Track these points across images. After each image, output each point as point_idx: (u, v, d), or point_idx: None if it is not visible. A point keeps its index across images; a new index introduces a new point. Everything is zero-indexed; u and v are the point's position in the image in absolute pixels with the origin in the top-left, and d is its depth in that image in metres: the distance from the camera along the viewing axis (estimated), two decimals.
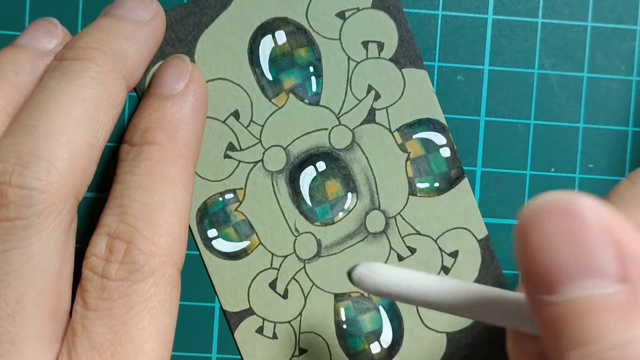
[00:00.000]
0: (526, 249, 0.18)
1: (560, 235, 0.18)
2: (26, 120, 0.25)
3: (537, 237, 0.18)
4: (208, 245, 0.30)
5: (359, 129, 0.30)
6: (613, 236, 0.17)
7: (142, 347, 0.24)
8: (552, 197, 0.18)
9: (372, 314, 0.30)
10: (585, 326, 0.17)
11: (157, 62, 0.29)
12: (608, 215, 0.18)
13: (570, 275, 0.18)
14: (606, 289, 0.17)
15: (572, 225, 0.18)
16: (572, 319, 0.18)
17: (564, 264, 0.18)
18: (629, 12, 0.30)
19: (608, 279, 0.17)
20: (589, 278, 0.17)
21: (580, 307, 0.17)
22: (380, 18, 0.30)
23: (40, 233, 0.24)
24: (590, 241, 0.17)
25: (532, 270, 0.18)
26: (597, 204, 0.18)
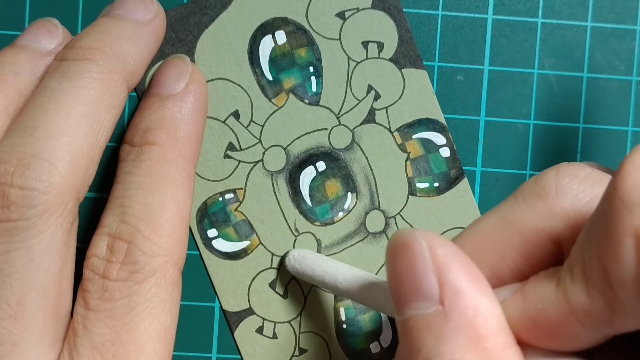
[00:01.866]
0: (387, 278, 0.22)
1: (401, 265, 0.21)
2: (27, 121, 0.25)
3: (389, 267, 0.21)
4: (208, 245, 0.30)
5: (358, 129, 0.30)
6: (438, 264, 0.20)
7: (143, 348, 0.24)
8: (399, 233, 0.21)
9: (372, 314, 0.31)
10: (411, 341, 0.20)
11: (157, 62, 0.29)
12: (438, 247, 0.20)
13: (406, 298, 0.21)
14: (427, 310, 0.20)
15: (407, 256, 0.21)
16: (406, 334, 0.21)
17: (403, 288, 0.21)
18: (629, 12, 0.30)
19: (430, 301, 0.20)
20: (418, 301, 0.20)
21: (411, 325, 0.20)
22: (380, 18, 0.30)
23: (42, 234, 0.24)
24: (418, 268, 0.20)
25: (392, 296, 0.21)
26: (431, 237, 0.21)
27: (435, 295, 0.20)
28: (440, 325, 0.20)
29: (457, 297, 0.20)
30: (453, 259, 0.20)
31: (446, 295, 0.20)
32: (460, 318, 0.20)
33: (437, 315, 0.20)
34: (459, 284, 0.20)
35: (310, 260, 0.29)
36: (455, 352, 0.19)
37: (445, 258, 0.20)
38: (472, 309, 0.20)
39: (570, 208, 0.22)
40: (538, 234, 0.22)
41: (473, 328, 0.20)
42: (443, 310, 0.20)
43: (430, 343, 0.20)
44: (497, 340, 0.20)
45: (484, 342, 0.19)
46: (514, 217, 0.22)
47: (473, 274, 0.20)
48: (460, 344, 0.19)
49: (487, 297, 0.20)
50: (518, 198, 0.23)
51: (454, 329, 0.20)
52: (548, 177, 0.22)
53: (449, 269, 0.20)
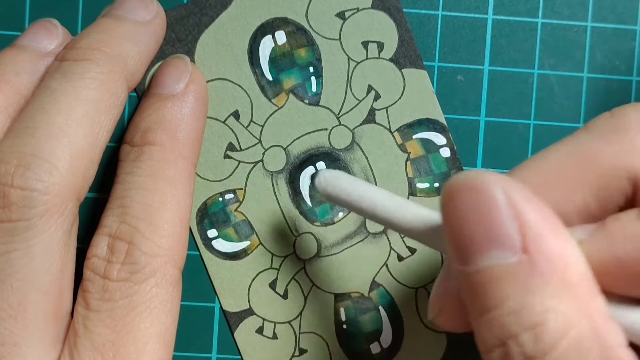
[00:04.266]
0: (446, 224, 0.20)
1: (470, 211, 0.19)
2: (27, 122, 0.25)
3: (453, 214, 0.20)
4: (208, 245, 0.30)
5: (358, 129, 0.30)
6: (516, 211, 0.19)
7: (144, 348, 0.24)
8: (463, 176, 0.20)
9: (372, 314, 0.31)
10: (490, 293, 0.19)
11: (157, 62, 0.29)
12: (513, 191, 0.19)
13: (480, 247, 0.19)
14: (509, 259, 0.19)
15: (480, 201, 0.19)
16: (480, 287, 0.19)
17: (474, 236, 0.19)
18: (629, 12, 0.30)
19: (511, 250, 0.19)
20: (495, 249, 0.19)
21: (487, 276, 0.19)
22: (380, 18, 0.30)
23: (42, 234, 0.24)
24: (495, 215, 0.19)
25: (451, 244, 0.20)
26: (504, 180, 0.19)
27: (517, 242, 0.19)
28: (527, 274, 0.19)
29: (543, 244, 0.19)
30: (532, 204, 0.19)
31: (531, 243, 0.19)
32: (549, 266, 0.19)
33: (521, 264, 0.19)
34: (542, 229, 0.19)
35: (345, 182, 0.25)
36: (547, 302, 0.18)
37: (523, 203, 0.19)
38: (560, 255, 0.19)
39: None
40: (615, 170, 0.21)
41: (563, 276, 0.19)
42: (529, 258, 0.19)
43: (516, 294, 0.19)
44: (586, 288, 0.19)
45: (574, 290, 0.19)
46: (588, 151, 0.21)
47: (553, 220, 0.19)
48: (551, 293, 0.18)
49: (571, 244, 0.19)
50: (592, 132, 0.22)
51: (542, 277, 0.18)
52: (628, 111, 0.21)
53: (529, 214, 0.19)
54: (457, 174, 0.20)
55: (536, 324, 0.18)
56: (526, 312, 0.18)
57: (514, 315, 0.19)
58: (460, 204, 0.19)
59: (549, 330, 0.18)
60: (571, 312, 0.18)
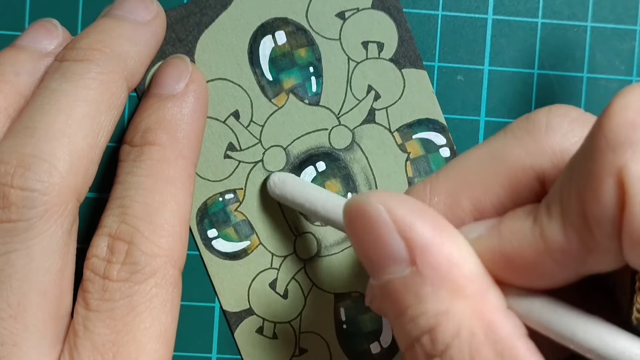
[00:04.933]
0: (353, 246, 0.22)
1: (363, 234, 0.21)
2: (27, 122, 0.25)
3: (351, 237, 0.21)
4: (208, 245, 0.30)
5: (358, 129, 0.30)
6: (400, 227, 0.20)
7: (144, 348, 0.24)
8: (353, 201, 0.21)
9: (372, 314, 0.31)
10: (395, 303, 0.21)
11: (157, 62, 0.29)
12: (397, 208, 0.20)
13: (379, 264, 0.21)
14: (402, 273, 0.20)
15: (367, 224, 0.21)
16: (388, 297, 0.21)
17: (372, 255, 0.21)
18: (629, 12, 0.30)
19: (402, 264, 0.20)
20: (390, 265, 0.20)
21: (390, 288, 0.21)
22: (380, 18, 0.30)
23: (42, 234, 0.24)
24: (382, 235, 0.20)
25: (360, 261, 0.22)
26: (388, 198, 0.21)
27: (405, 256, 0.20)
28: (418, 284, 0.20)
29: (428, 254, 0.20)
30: (414, 216, 0.20)
31: (416, 255, 0.20)
32: (436, 273, 0.20)
33: (412, 276, 0.20)
34: (426, 239, 0.20)
35: (290, 185, 0.28)
36: (439, 306, 0.20)
37: (406, 217, 0.20)
38: (445, 261, 0.20)
39: (558, 146, 0.21)
40: (524, 170, 0.22)
41: (450, 280, 0.20)
42: (417, 269, 0.20)
43: (413, 303, 0.20)
44: (476, 286, 0.20)
45: (464, 290, 0.20)
46: (501, 151, 0.22)
47: (438, 225, 0.20)
48: (442, 298, 0.20)
49: (457, 245, 0.20)
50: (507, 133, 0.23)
51: (431, 285, 0.20)
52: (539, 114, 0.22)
53: (412, 227, 0.20)
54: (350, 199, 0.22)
55: (431, 328, 0.20)
56: (422, 318, 0.20)
57: (414, 321, 0.20)
58: (354, 228, 0.21)
59: (442, 332, 0.20)
60: (461, 312, 0.20)
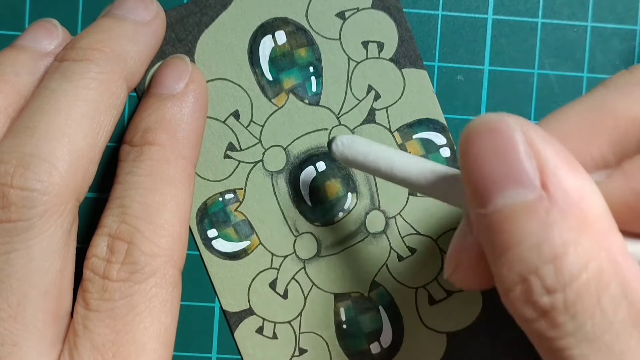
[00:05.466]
0: (464, 168, 0.20)
1: (489, 152, 0.20)
2: (27, 122, 0.25)
3: (471, 156, 0.20)
4: (208, 245, 0.30)
5: (359, 129, 0.30)
6: (534, 149, 0.19)
7: (143, 348, 0.24)
8: (482, 118, 0.20)
9: (372, 314, 0.31)
10: (509, 231, 0.19)
11: (157, 62, 0.29)
12: (531, 131, 0.20)
13: (498, 186, 0.19)
14: (527, 197, 0.19)
15: (498, 141, 0.20)
16: (500, 226, 0.19)
17: (493, 176, 0.20)
18: (629, 12, 0.30)
19: (529, 187, 0.19)
20: (513, 188, 0.19)
21: (507, 214, 0.19)
22: (380, 18, 0.30)
23: (42, 234, 0.24)
24: (513, 154, 0.19)
25: (470, 187, 0.20)
26: (522, 122, 0.20)
27: (536, 180, 0.19)
28: (546, 209, 0.19)
29: (561, 181, 0.19)
30: (549, 143, 0.20)
31: (549, 180, 0.19)
32: (567, 201, 0.19)
33: (540, 200, 0.19)
34: (560, 167, 0.19)
35: (361, 145, 0.26)
36: (566, 235, 0.19)
37: (541, 142, 0.19)
38: (578, 192, 0.19)
39: None
40: (632, 120, 0.21)
41: (581, 211, 0.19)
42: (548, 195, 0.19)
43: (536, 229, 0.19)
44: (604, 223, 0.19)
45: (593, 224, 0.19)
46: (605, 103, 0.22)
47: (570, 159, 0.20)
48: (571, 227, 0.19)
49: (589, 181, 0.20)
50: (609, 87, 0.22)
51: (561, 212, 0.19)
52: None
53: (546, 152, 0.19)
54: (475, 117, 0.20)
55: (556, 257, 0.19)
56: (546, 246, 0.19)
57: (534, 249, 0.19)
58: (478, 145, 0.20)
59: (569, 263, 0.19)
60: (590, 245, 0.19)
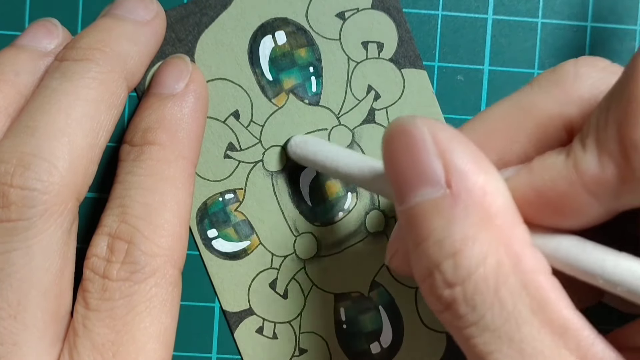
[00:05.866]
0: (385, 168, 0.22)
1: (402, 152, 0.21)
2: (27, 121, 0.25)
3: (388, 156, 0.21)
4: (208, 245, 0.30)
5: (358, 129, 0.30)
6: (440, 149, 0.20)
7: (143, 348, 0.24)
8: (397, 121, 0.21)
9: (372, 314, 0.31)
10: (420, 227, 0.20)
11: (157, 62, 0.29)
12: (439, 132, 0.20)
13: (411, 185, 0.21)
14: (434, 195, 0.20)
15: (409, 142, 0.21)
16: (413, 222, 0.21)
17: (406, 176, 0.21)
18: (629, 12, 0.30)
19: (436, 186, 0.20)
20: (423, 187, 0.20)
21: (418, 211, 0.20)
22: (380, 18, 0.30)
23: (42, 234, 0.24)
24: (421, 154, 0.20)
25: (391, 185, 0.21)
26: (430, 122, 0.21)
27: (442, 178, 0.20)
28: (450, 206, 0.20)
29: (464, 178, 0.20)
30: (455, 142, 0.20)
31: (453, 178, 0.20)
32: (469, 198, 0.20)
33: (445, 198, 0.20)
34: (464, 165, 0.20)
35: (311, 145, 0.28)
36: (467, 230, 0.20)
37: (447, 141, 0.20)
38: (480, 188, 0.20)
39: (587, 94, 0.22)
40: (551, 119, 0.22)
41: (483, 207, 0.20)
42: (451, 192, 0.20)
43: (440, 225, 0.20)
44: (506, 218, 0.20)
45: (494, 220, 0.20)
46: (528, 103, 0.23)
47: (476, 155, 0.20)
48: (472, 223, 0.20)
49: (494, 177, 0.20)
50: (534, 85, 0.23)
51: (463, 209, 0.20)
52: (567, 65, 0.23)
53: (452, 151, 0.20)
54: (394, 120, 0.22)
55: (455, 252, 0.20)
56: (447, 241, 0.20)
57: (437, 245, 0.20)
58: (394, 147, 0.21)
59: (467, 258, 0.20)
60: (489, 240, 0.20)
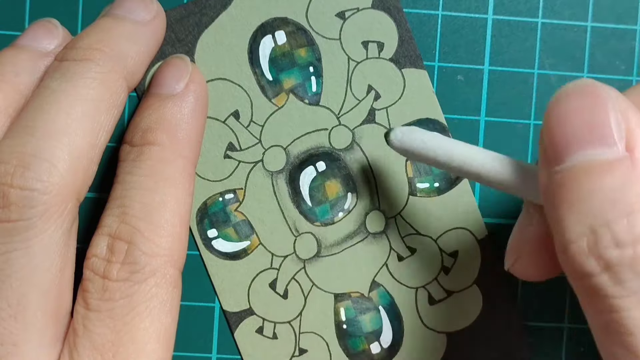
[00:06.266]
0: (546, 126, 0.21)
1: (576, 111, 0.20)
2: (27, 121, 0.25)
3: (557, 114, 0.20)
4: (208, 245, 0.30)
5: (358, 129, 0.30)
6: (624, 116, 0.20)
7: (143, 348, 0.24)
8: (576, 82, 0.20)
9: (372, 314, 0.31)
10: (585, 185, 0.20)
11: (157, 62, 0.29)
12: (622, 100, 0.20)
13: (579, 144, 0.20)
14: (609, 156, 0.19)
15: (588, 102, 0.20)
16: (575, 180, 0.20)
17: (576, 134, 0.20)
18: (629, 12, 0.30)
19: (614, 147, 0.19)
20: (596, 147, 0.20)
21: (584, 170, 0.20)
22: (380, 18, 0.30)
23: (42, 234, 0.24)
24: (603, 115, 0.20)
25: (547, 145, 0.21)
26: (613, 89, 0.20)
27: (621, 142, 0.19)
28: (628, 169, 0.19)
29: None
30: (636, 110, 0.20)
31: (635, 142, 0.19)
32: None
33: (623, 160, 0.19)
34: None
35: (419, 133, 0.26)
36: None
37: (630, 109, 0.20)
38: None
39: None
40: None
41: None
42: (632, 154, 0.19)
43: (614, 185, 0.19)
44: None
45: None
46: None
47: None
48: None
49: None
50: None
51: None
52: None
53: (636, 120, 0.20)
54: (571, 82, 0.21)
55: (632, 212, 0.19)
56: (623, 200, 0.19)
57: (609, 203, 0.19)
58: (566, 105, 0.20)
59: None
60: None
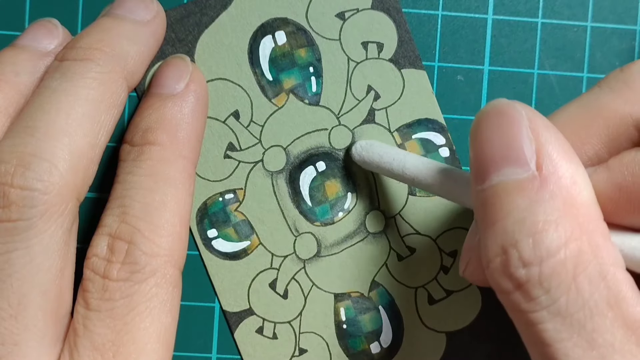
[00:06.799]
0: (471, 146, 0.22)
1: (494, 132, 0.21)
2: (27, 121, 0.25)
3: (478, 135, 0.21)
4: (208, 245, 0.30)
5: (358, 129, 0.30)
6: (535, 134, 0.20)
7: (143, 348, 0.24)
8: (493, 102, 0.21)
9: (372, 314, 0.31)
10: (499, 205, 0.20)
11: (157, 62, 0.29)
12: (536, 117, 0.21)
13: (496, 164, 0.21)
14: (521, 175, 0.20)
15: (503, 122, 0.21)
16: (492, 200, 0.21)
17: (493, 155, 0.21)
18: (629, 12, 0.30)
19: (525, 167, 0.20)
20: (510, 166, 0.20)
21: (499, 190, 0.20)
22: (380, 19, 0.30)
23: (42, 234, 0.24)
24: (515, 135, 0.20)
25: (473, 165, 0.22)
26: (528, 108, 0.21)
27: (532, 161, 0.20)
28: (536, 189, 0.20)
29: (555, 165, 0.20)
30: (550, 130, 0.20)
31: (544, 162, 0.20)
32: (558, 184, 0.20)
33: (532, 180, 0.20)
34: (557, 153, 0.20)
35: (377, 148, 0.29)
36: (551, 214, 0.20)
37: (542, 128, 0.20)
38: (570, 177, 0.20)
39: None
40: (622, 119, 0.22)
41: (570, 195, 0.20)
42: (540, 175, 0.20)
43: (523, 205, 0.20)
44: (590, 210, 0.20)
45: (579, 208, 0.20)
46: (597, 104, 0.23)
47: (567, 147, 0.21)
48: (556, 207, 0.20)
49: (582, 170, 0.20)
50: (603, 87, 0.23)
51: (550, 193, 0.20)
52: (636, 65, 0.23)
53: (546, 138, 0.20)
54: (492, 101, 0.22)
55: (536, 232, 0.20)
56: (529, 221, 0.20)
57: (517, 223, 0.20)
58: (486, 126, 0.21)
59: (548, 239, 0.20)
60: (572, 227, 0.20)
